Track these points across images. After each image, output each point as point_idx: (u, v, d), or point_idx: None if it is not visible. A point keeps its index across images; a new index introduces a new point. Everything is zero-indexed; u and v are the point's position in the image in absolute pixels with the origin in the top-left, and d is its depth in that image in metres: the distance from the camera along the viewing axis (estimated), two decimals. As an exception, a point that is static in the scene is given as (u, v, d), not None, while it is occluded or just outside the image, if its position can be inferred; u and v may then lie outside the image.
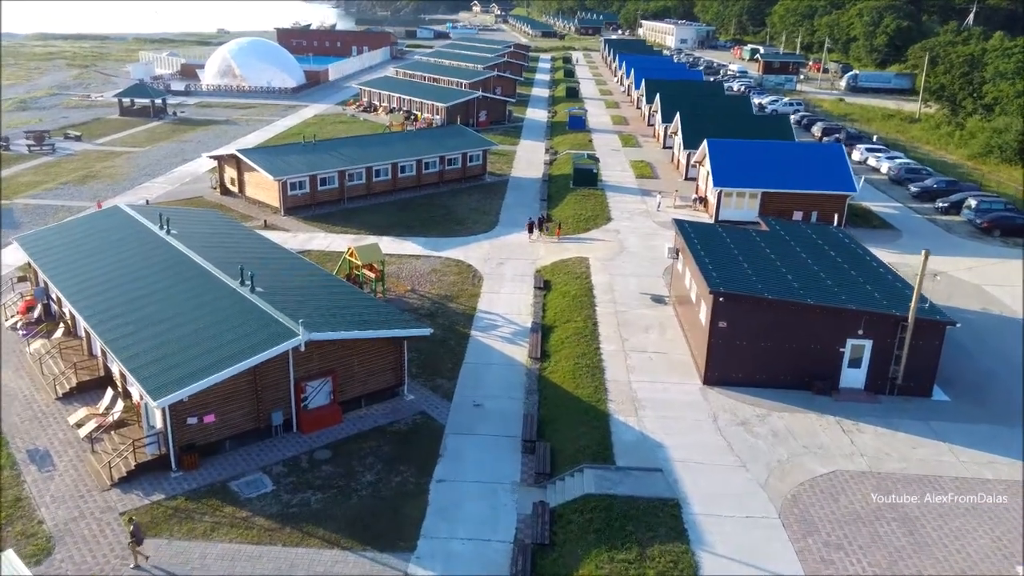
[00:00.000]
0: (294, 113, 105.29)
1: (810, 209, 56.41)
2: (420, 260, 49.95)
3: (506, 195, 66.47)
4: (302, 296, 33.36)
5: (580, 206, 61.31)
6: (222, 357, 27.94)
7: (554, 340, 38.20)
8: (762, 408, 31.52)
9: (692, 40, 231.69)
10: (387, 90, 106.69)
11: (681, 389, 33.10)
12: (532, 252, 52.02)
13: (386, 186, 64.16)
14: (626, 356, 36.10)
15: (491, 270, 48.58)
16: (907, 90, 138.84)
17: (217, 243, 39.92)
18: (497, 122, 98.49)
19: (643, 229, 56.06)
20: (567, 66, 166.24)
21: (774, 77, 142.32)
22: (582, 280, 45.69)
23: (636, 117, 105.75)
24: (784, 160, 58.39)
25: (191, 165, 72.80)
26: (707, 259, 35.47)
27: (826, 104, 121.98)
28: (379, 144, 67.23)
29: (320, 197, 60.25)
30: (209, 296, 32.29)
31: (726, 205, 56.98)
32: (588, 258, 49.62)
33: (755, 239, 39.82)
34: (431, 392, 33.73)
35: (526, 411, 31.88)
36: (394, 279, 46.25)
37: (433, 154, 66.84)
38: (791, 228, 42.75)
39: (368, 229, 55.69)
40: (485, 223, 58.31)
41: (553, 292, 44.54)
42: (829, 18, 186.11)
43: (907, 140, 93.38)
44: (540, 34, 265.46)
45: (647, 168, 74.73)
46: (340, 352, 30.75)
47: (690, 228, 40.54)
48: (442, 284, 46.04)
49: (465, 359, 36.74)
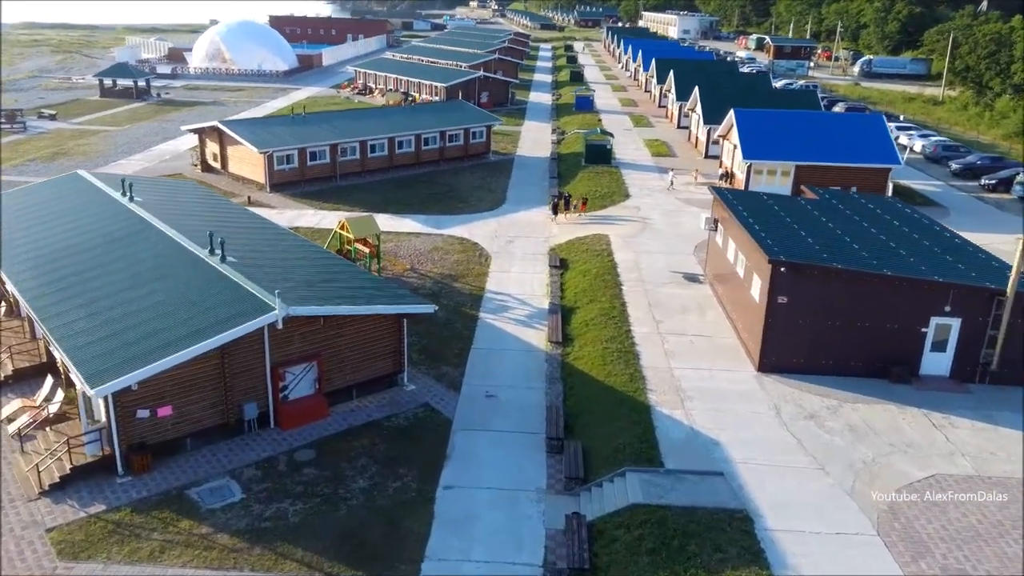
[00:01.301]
0: (285, 96, 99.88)
1: (849, 184, 51.06)
2: (420, 238, 44.75)
3: (512, 173, 61.29)
4: (282, 267, 28.15)
5: (595, 183, 56.10)
6: (181, 336, 22.74)
7: (576, 322, 33.02)
8: (832, 399, 26.36)
9: (695, 31, 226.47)
10: (383, 71, 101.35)
11: (732, 377, 27.94)
12: (544, 230, 46.84)
13: (382, 163, 58.92)
14: (663, 339, 30.93)
15: (500, 248, 43.42)
16: (922, 75, 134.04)
17: (187, 211, 34.69)
18: (500, 104, 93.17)
19: (665, 206, 50.88)
20: (569, 54, 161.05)
21: (785, 62, 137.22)
22: (603, 258, 40.52)
23: (645, 100, 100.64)
24: (819, 131, 53.25)
25: (172, 143, 67.48)
26: (758, 227, 30.31)
27: (841, 89, 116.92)
28: (375, 118, 62.03)
29: (310, 173, 54.99)
30: (171, 267, 27.05)
31: (756, 181, 51.76)
32: (608, 235, 44.43)
33: (806, 207, 34.68)
34: (435, 381, 28.54)
35: (549, 403, 26.67)
36: (391, 257, 41.05)
37: (433, 129, 61.62)
38: (843, 196, 37.63)
39: (362, 206, 50.45)
40: (491, 201, 53.12)
41: (571, 271, 39.36)
42: (838, 6, 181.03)
43: (934, 121, 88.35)
44: (539, 26, 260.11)
45: (663, 147, 69.58)
46: (327, 332, 25.57)
47: (732, 196, 35.38)
48: (445, 263, 40.85)
49: (474, 344, 31.56)
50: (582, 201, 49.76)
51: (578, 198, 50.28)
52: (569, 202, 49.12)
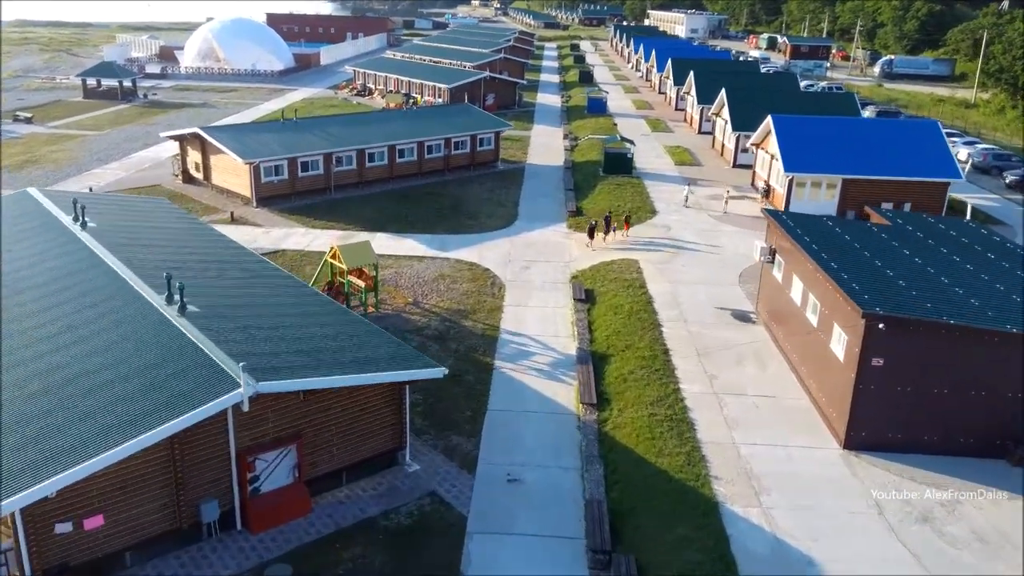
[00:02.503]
0: (280, 97, 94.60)
1: (902, 200, 45.89)
2: (424, 263, 39.40)
3: (524, 184, 55.95)
4: (256, 319, 22.75)
5: (616, 197, 50.72)
6: (115, 423, 17.40)
7: (612, 376, 27.65)
8: (945, 490, 21.02)
9: (703, 30, 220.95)
10: (383, 71, 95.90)
11: (813, 456, 22.59)
12: (564, 252, 41.48)
13: (381, 173, 53.55)
14: (719, 401, 25.58)
15: (514, 275, 38.08)
16: (946, 76, 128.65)
17: (148, 240, 29.32)
18: (506, 106, 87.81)
19: (698, 224, 45.50)
20: (575, 53, 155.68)
21: (802, 62, 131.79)
22: (635, 290, 35.16)
23: (660, 102, 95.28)
24: (867, 140, 47.84)
25: (153, 150, 62.09)
26: (836, 266, 24.94)
27: (864, 90, 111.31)
28: (373, 123, 56.64)
29: (301, 185, 49.62)
30: (117, 322, 21.66)
31: (797, 196, 46.45)
32: (637, 261, 39.08)
33: (881, 236, 29.31)
34: (444, 458, 23.19)
35: (589, 494, 21.27)
36: (391, 288, 35.70)
37: (437, 135, 56.24)
38: (917, 221, 32.26)
39: (359, 223, 45.14)
40: (502, 216, 47.76)
41: (599, 306, 33.99)
42: (853, 4, 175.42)
43: (969, 126, 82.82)
44: (543, 25, 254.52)
45: (686, 154, 64.21)
46: (309, 407, 20.24)
47: (792, 221, 29.99)
48: (453, 294, 35.51)
49: (490, 404, 26.21)
50: (625, 219, 43.63)
51: (619, 216, 44.16)
52: (609, 223, 42.38)
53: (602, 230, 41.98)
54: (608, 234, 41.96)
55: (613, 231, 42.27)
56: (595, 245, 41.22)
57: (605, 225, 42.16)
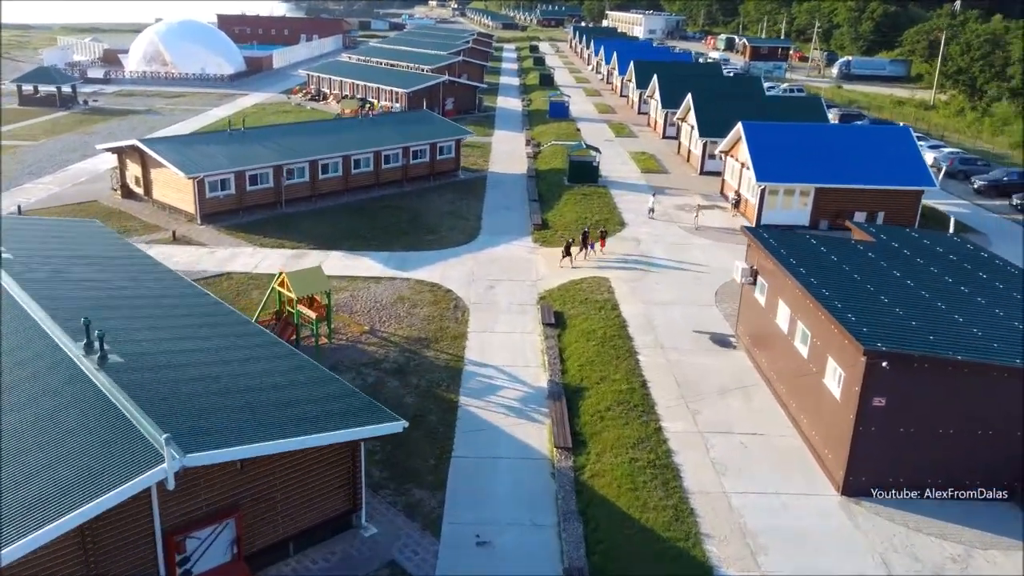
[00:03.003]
0: (230, 102, 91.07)
1: (876, 209, 44.72)
2: (382, 284, 36.88)
3: (486, 194, 53.70)
4: (189, 368, 20.09)
5: (582, 208, 48.71)
6: (6, 514, 14.69)
7: (587, 413, 25.49)
8: (955, 542, 19.26)
9: (661, 30, 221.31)
10: (339, 75, 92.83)
11: (810, 505, 20.69)
12: (531, 270, 39.30)
13: (336, 185, 50.83)
14: (705, 441, 23.58)
15: (479, 297, 35.78)
16: (902, 77, 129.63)
17: (70, 274, 26.35)
18: (466, 111, 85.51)
19: (669, 237, 43.67)
20: (535, 55, 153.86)
21: (762, 64, 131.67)
22: (607, 312, 33.10)
23: (622, 105, 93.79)
24: (839, 147, 46.54)
25: (91, 161, 58.40)
26: (828, 292, 23.11)
27: (824, 92, 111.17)
28: (327, 132, 53.83)
29: (249, 200, 46.68)
30: (23, 379, 18.87)
31: (770, 205, 44.94)
32: (608, 279, 37.05)
33: (868, 255, 27.65)
34: (405, 518, 20.77)
35: (568, 561, 19.02)
36: (345, 315, 33.12)
37: (395, 144, 53.71)
38: (901, 236, 30.70)
39: (312, 241, 42.43)
40: (464, 231, 45.41)
41: (570, 331, 31.83)
42: (810, 5, 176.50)
43: (931, 128, 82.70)
44: (501, 26, 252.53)
45: (652, 161, 62.53)
46: (249, 474, 17.72)
47: (775, 240, 28.18)
48: (413, 320, 33.06)
49: (455, 449, 23.86)
50: (601, 236, 40.88)
51: (595, 231, 41.37)
52: (587, 239, 39.77)
53: (579, 246, 39.62)
54: (585, 251, 39.72)
55: (591, 248, 39.99)
56: (572, 263, 38.83)
57: (582, 241, 39.72)
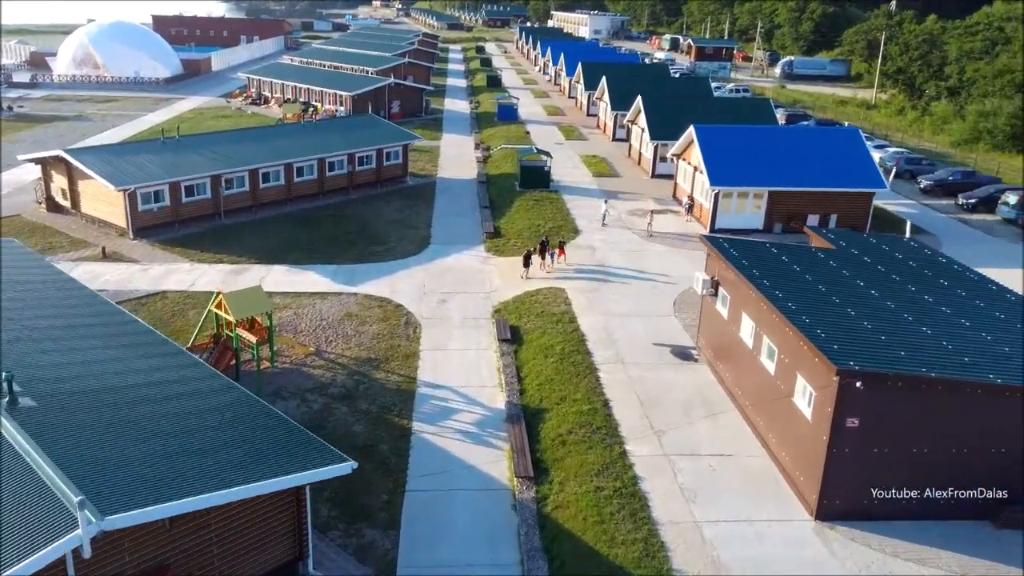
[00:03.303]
0: (167, 107, 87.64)
1: (828, 211, 44.56)
2: (328, 300, 35.11)
3: (436, 201, 52.16)
4: (112, 409, 18.21)
5: (535, 214, 47.55)
6: (-101, 590, 12.79)
7: (548, 437, 24.24)
8: (932, 567, 18.53)
9: (607, 30, 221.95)
10: (280, 78, 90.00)
11: (784, 533, 19.77)
12: (484, 281, 37.94)
13: (278, 194, 48.72)
14: (672, 465, 22.53)
15: (431, 311, 34.28)
16: (842, 77, 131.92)
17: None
18: (413, 114, 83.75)
19: (624, 244, 42.74)
20: (481, 56, 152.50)
21: (708, 64, 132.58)
22: (564, 325, 31.93)
23: (571, 107, 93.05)
24: (791, 149, 46.29)
25: (14, 172, 54.97)
26: (793, 306, 22.29)
27: (769, 92, 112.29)
28: (268, 139, 51.61)
29: (185, 212, 44.31)
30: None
31: (724, 209, 44.42)
32: (564, 290, 35.90)
33: (830, 263, 27.02)
34: (356, 563, 19.23)
35: (534, 605, 17.78)
36: (289, 336, 31.29)
37: (340, 151, 51.75)
38: (861, 242, 30.24)
39: (253, 255, 40.38)
40: (414, 240, 43.81)
41: (527, 347, 30.55)
42: (751, 5, 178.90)
43: (873, 128, 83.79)
44: (446, 26, 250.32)
45: (603, 164, 61.73)
46: (179, 532, 15.98)
47: (735, 250, 27.35)
48: (362, 339, 31.41)
49: (409, 482, 22.38)
50: (560, 246, 39.50)
51: (555, 240, 40.16)
52: (546, 249, 38.38)
53: (539, 255, 38.14)
54: (543, 261, 38.36)
55: (551, 258, 38.60)
56: (531, 274, 37.50)
57: (541, 251, 38.24)
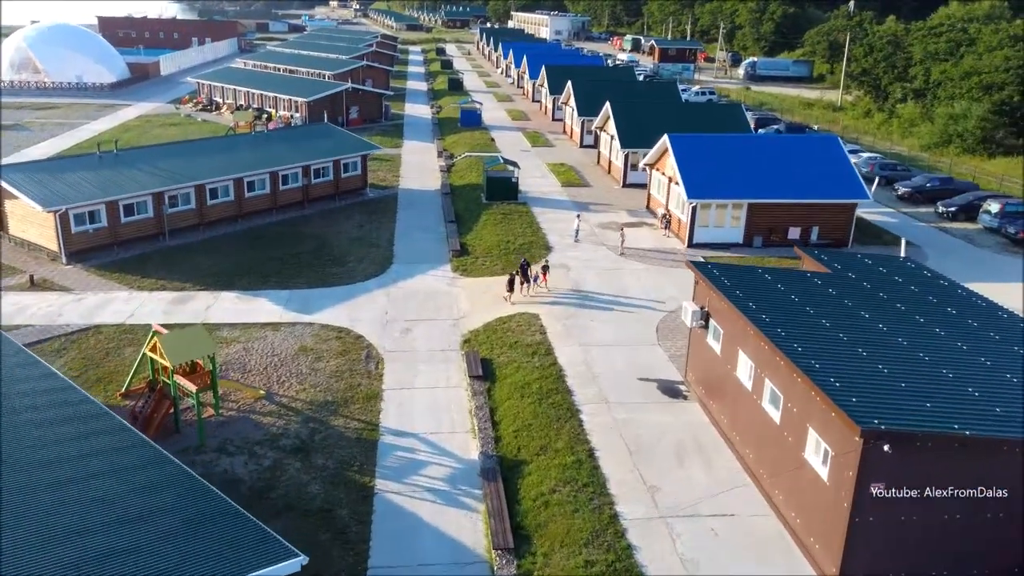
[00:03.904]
0: (111, 114, 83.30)
1: (810, 223, 42.72)
2: (281, 332, 32.10)
3: (398, 215, 49.29)
4: (13, 513, 15.16)
5: (503, 229, 44.95)
6: None
7: (529, 497, 21.62)
8: (973, 653, 16.40)
9: (567, 31, 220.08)
10: (232, 83, 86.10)
11: (802, 612, 17.48)
12: (452, 305, 35.25)
13: (228, 210, 45.45)
14: (670, 530, 20.07)
15: (394, 343, 31.48)
16: (805, 78, 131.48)
17: None
18: (373, 120, 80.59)
19: (599, 261, 40.33)
20: (442, 58, 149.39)
21: (671, 65, 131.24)
22: (541, 358, 29.37)
23: (535, 111, 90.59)
24: (769, 159, 44.33)
25: (-63, 189, 50.80)
26: (800, 347, 19.99)
27: (733, 94, 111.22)
28: (216, 152, 48.21)
29: (125, 233, 40.89)
30: None
31: (701, 222, 42.31)
32: (539, 315, 33.33)
33: (830, 292, 24.85)
34: (312, 667, 16.47)
35: None
36: (236, 377, 28.22)
37: (294, 163, 48.60)
38: (857, 265, 28.15)
39: (199, 280, 37.15)
40: (375, 260, 40.93)
41: (501, 384, 27.91)
42: (712, 6, 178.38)
43: (842, 131, 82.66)
44: (405, 27, 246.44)
45: (571, 173, 59.33)
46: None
47: (725, 277, 25.04)
48: (318, 378, 28.50)
49: (371, 556, 19.59)
50: (543, 270, 36.13)
51: (537, 266, 36.73)
52: (527, 272, 35.48)
53: (520, 283, 35.00)
54: (525, 286, 35.21)
55: (533, 281, 35.47)
56: (514, 299, 34.53)
57: (523, 274, 35.28)
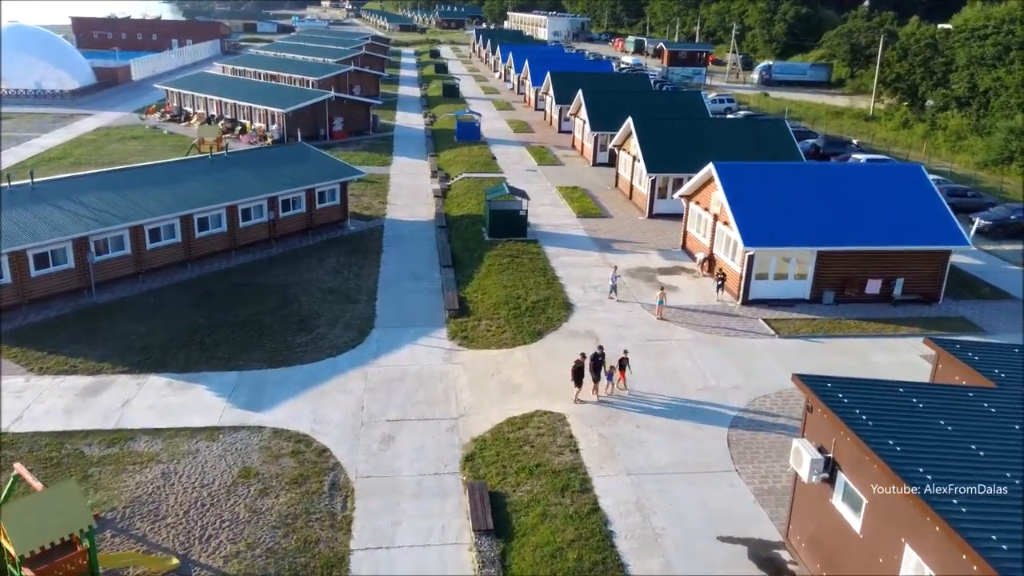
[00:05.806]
0: (68, 125, 74.72)
1: (893, 275, 34.42)
2: (218, 444, 23.65)
3: (383, 256, 40.84)
4: None
5: (512, 278, 36.52)
6: None
7: None
8: None
9: (566, 32, 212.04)
10: (204, 91, 77.36)
11: None
12: (449, 395, 26.83)
13: (174, 254, 37.02)
14: None
15: (371, 460, 23.08)
16: (823, 82, 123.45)
17: None
18: (359, 132, 72.06)
19: (636, 327, 31.86)
20: (436, 60, 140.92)
21: (681, 69, 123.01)
22: (574, 495, 20.96)
23: (539, 121, 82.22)
24: (839, 195, 35.88)
25: None
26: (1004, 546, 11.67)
27: (751, 100, 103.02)
28: (160, 182, 39.38)
29: (37, 289, 32.39)
30: None
31: (759, 272, 33.96)
32: (564, 415, 24.93)
33: (1015, 430, 16.49)
34: None
35: None
36: (134, 552, 19.70)
37: (258, 195, 40.17)
38: (1017, 364, 19.86)
39: (123, 356, 28.65)
40: (351, 323, 32.46)
41: (521, 547, 19.45)
42: (719, 6, 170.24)
43: (878, 144, 74.50)
44: (398, 28, 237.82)
45: (587, 200, 50.91)
46: None
47: (857, 407, 16.62)
48: (260, 528, 20.04)
49: None
50: (620, 365, 26.40)
51: (612, 361, 26.27)
52: (600, 366, 25.86)
53: (591, 372, 25.69)
54: (596, 386, 25.90)
55: (608, 379, 26.05)
56: (582, 396, 25.72)
57: (593, 369, 25.71)
